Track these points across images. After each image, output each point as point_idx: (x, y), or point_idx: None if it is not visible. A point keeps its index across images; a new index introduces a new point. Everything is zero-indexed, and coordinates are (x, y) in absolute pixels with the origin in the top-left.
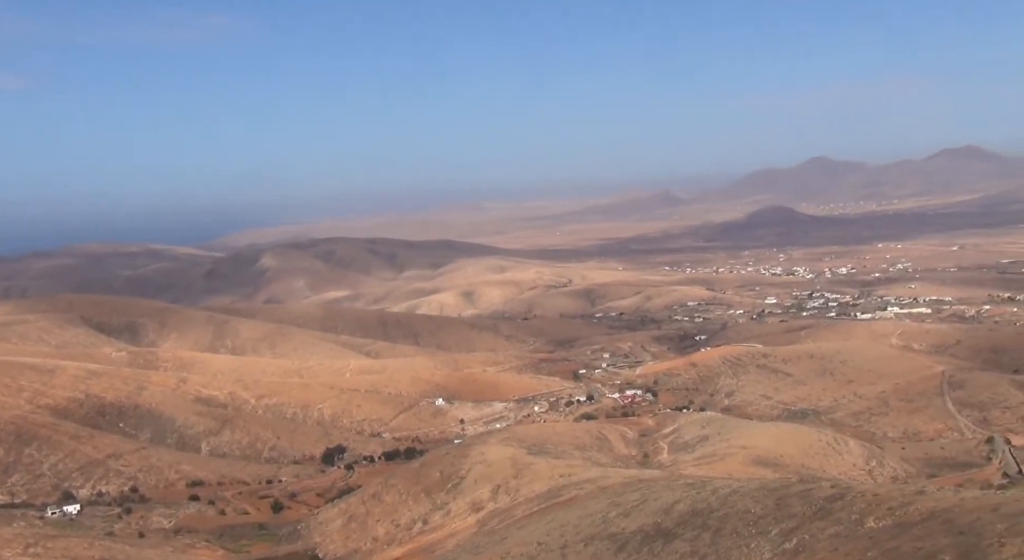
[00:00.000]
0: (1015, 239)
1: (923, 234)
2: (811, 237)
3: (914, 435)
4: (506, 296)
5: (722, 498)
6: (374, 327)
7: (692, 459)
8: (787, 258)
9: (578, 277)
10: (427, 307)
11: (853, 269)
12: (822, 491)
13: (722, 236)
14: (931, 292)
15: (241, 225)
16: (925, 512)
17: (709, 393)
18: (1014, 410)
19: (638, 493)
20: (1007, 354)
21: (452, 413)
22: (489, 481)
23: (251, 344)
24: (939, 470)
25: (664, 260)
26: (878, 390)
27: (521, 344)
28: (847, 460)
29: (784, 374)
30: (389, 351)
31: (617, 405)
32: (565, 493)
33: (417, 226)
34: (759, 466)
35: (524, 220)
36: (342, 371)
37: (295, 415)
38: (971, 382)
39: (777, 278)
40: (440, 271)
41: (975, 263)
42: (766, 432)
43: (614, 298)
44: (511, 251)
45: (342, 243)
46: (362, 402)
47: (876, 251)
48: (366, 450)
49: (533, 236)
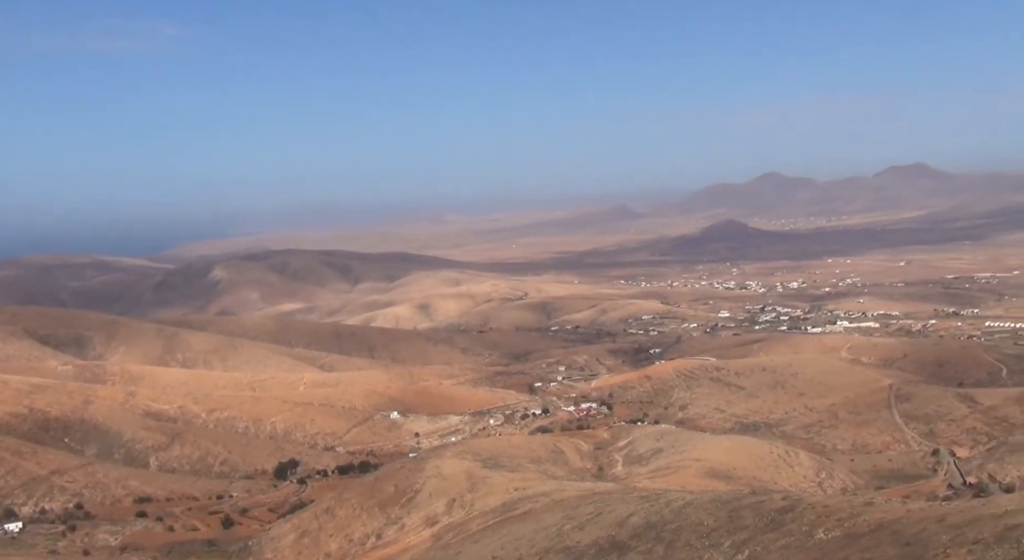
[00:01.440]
0: (959, 255)
1: (871, 249)
2: (763, 252)
3: (863, 447)
4: (462, 309)
5: (676, 511)
6: (328, 340)
7: (646, 472)
8: (740, 272)
9: (534, 290)
10: (382, 320)
11: (804, 283)
12: (773, 503)
13: (676, 250)
14: (879, 307)
15: (192, 236)
16: (873, 523)
17: (663, 406)
18: (958, 423)
19: (593, 506)
20: (952, 368)
21: (407, 426)
22: (444, 495)
23: (202, 357)
24: (887, 482)
25: (619, 274)
26: (828, 403)
27: (477, 357)
28: (798, 472)
29: (737, 387)
30: (343, 364)
31: (572, 418)
32: (520, 506)
33: (374, 239)
34: (712, 478)
35: (481, 233)
36: (295, 384)
37: (247, 429)
38: (917, 395)
39: (730, 292)
40: (396, 284)
41: (921, 278)
42: (719, 445)
43: (570, 311)
44: (468, 264)
45: (297, 255)
46: (316, 416)
47: (826, 266)
48: (319, 464)
49: (490, 249)
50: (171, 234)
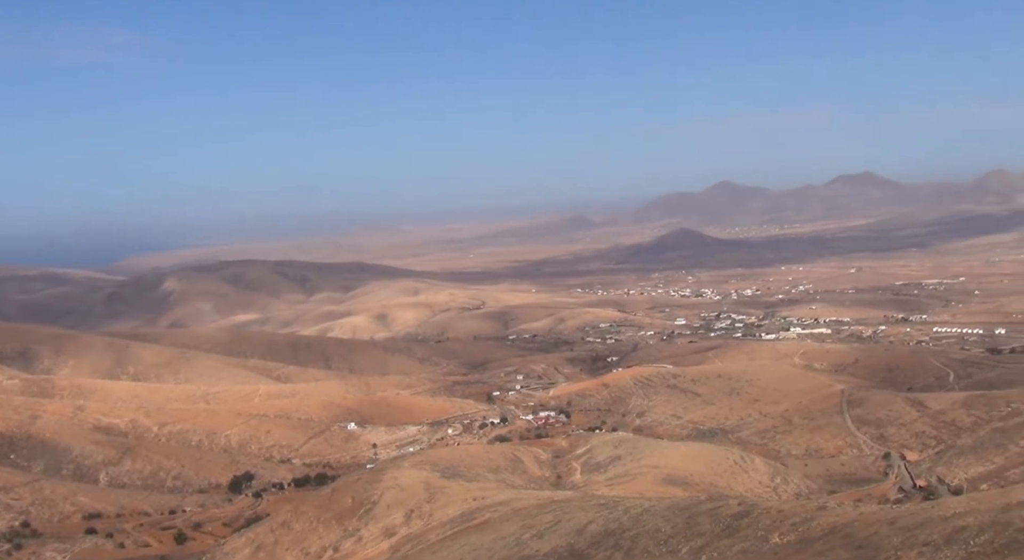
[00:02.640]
0: (907, 262)
1: (823, 257)
2: (718, 259)
3: (816, 452)
4: (419, 318)
5: (634, 518)
6: (284, 351)
7: (605, 479)
8: (695, 280)
9: (491, 299)
10: (339, 330)
11: (758, 291)
12: (729, 509)
13: (633, 258)
14: (831, 313)
15: (143, 248)
16: (827, 527)
17: (621, 413)
18: (908, 427)
19: (551, 514)
20: (901, 373)
21: (364, 437)
22: (402, 506)
23: (154, 370)
24: (839, 486)
25: (576, 282)
26: (782, 409)
27: (435, 367)
28: (753, 477)
29: (693, 394)
30: (299, 375)
31: (531, 427)
32: (479, 516)
33: (330, 249)
34: (670, 485)
35: (439, 243)
36: (250, 396)
37: (200, 442)
38: (869, 400)
39: (686, 299)
40: (352, 294)
41: (871, 285)
42: (676, 451)
43: (527, 320)
44: (425, 273)
45: (251, 266)
46: (271, 428)
47: (779, 273)
48: (275, 477)
49: (447, 259)
50: (122, 245)
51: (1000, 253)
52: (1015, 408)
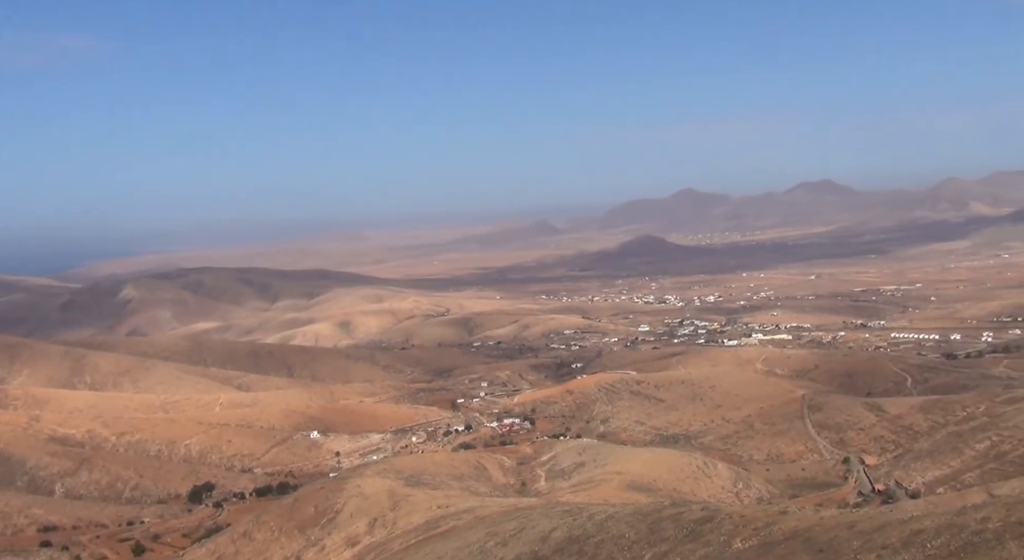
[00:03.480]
0: (866, 268)
1: (783, 263)
2: (681, 266)
3: (777, 457)
4: (383, 326)
5: (598, 524)
6: (245, 359)
7: (569, 486)
8: (658, 287)
9: (456, 306)
10: (302, 338)
11: (720, 297)
12: (693, 514)
13: (596, 265)
14: (791, 319)
15: (100, 255)
16: (788, 531)
17: (585, 420)
18: (867, 431)
19: (515, 522)
20: (860, 378)
21: (327, 446)
22: (365, 514)
23: (112, 379)
24: (800, 490)
25: (540, 289)
26: (744, 414)
27: (399, 374)
28: (716, 483)
29: (657, 400)
30: (261, 383)
31: (495, 434)
32: (443, 524)
33: (292, 256)
34: (634, 491)
35: (402, 249)
36: (211, 405)
37: (160, 452)
38: (829, 405)
39: (649, 306)
40: (315, 301)
41: (830, 291)
42: (640, 457)
43: (492, 327)
44: (389, 280)
45: (211, 273)
46: (232, 437)
47: (741, 280)
48: (236, 486)
49: (411, 265)
50: (78, 252)
51: (955, 260)
52: (970, 412)
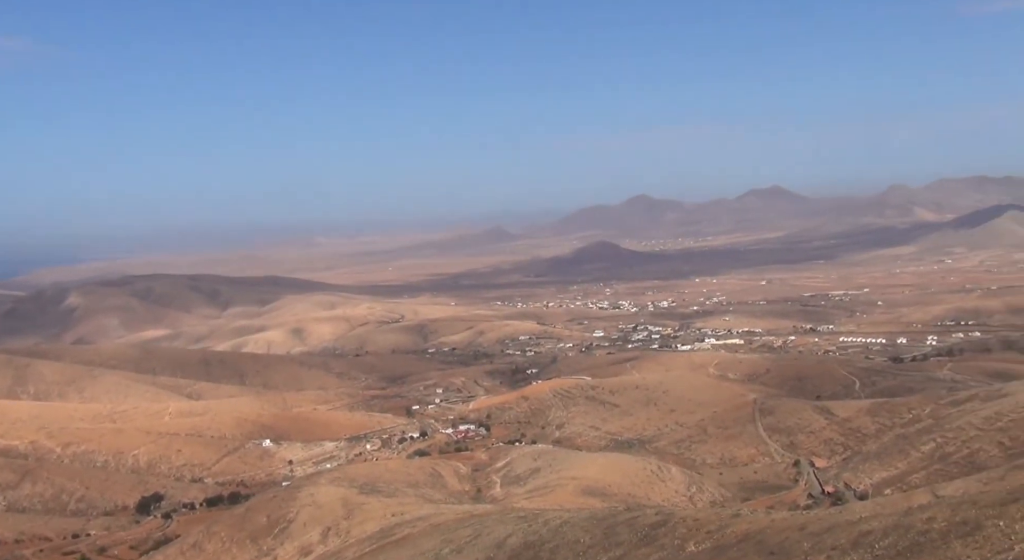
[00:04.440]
0: (815, 274)
1: (735, 269)
2: (635, 272)
3: (730, 461)
4: (337, 332)
5: (553, 530)
6: (195, 367)
7: (524, 492)
8: (613, 292)
9: (410, 312)
10: (253, 345)
11: (673, 302)
12: (647, 518)
13: (551, 271)
14: (743, 324)
15: (44, 262)
16: (740, 534)
17: (541, 426)
18: (817, 434)
19: (471, 528)
20: (810, 382)
21: (280, 454)
22: (319, 523)
23: (57, 388)
24: (752, 493)
25: (495, 295)
26: (697, 418)
27: (353, 381)
28: (670, 487)
29: (611, 405)
30: (212, 392)
31: (450, 440)
32: (397, 532)
33: (243, 262)
34: (589, 496)
35: (356, 255)
36: (160, 414)
37: (106, 463)
38: (779, 409)
39: (604, 312)
40: (267, 308)
41: (781, 296)
42: (595, 462)
43: (446, 333)
44: (342, 287)
45: (160, 280)
46: (182, 446)
47: (694, 285)
48: (186, 497)
49: (365, 271)
50: (20, 259)
51: (901, 265)
52: (916, 415)
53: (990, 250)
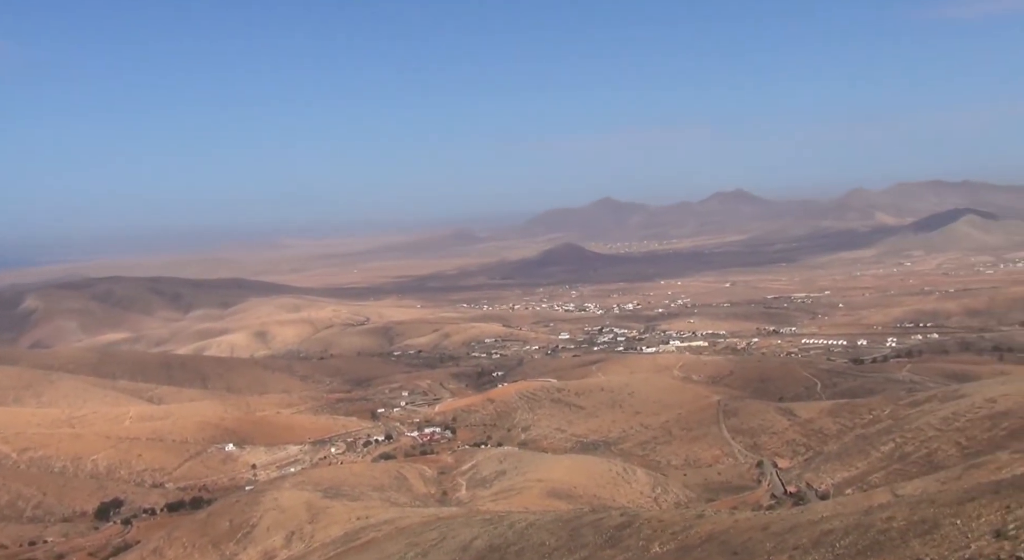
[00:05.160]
0: (777, 276)
1: (700, 271)
2: (600, 274)
3: (694, 462)
4: (301, 335)
5: (519, 532)
6: (157, 371)
7: (490, 494)
8: (579, 295)
9: (376, 315)
10: (216, 348)
11: (639, 305)
12: (612, 520)
13: (517, 273)
14: (708, 326)
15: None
16: (704, 535)
17: (506, 428)
18: (780, 435)
19: (436, 532)
20: (773, 383)
21: (243, 458)
22: (282, 528)
23: (13, 393)
24: (717, 494)
25: (461, 297)
26: (662, 420)
27: (317, 384)
28: (635, 488)
29: (577, 407)
30: (174, 396)
31: (416, 443)
32: (362, 536)
33: (206, 265)
34: (554, 498)
35: (321, 258)
36: (120, 419)
37: (64, 468)
38: (743, 410)
39: (569, 314)
40: (231, 311)
41: (744, 298)
42: (560, 464)
43: (412, 336)
44: (307, 289)
45: (121, 283)
46: (143, 451)
47: (659, 287)
48: (147, 502)
49: (330, 274)
50: None
51: (861, 267)
52: (876, 415)
53: (947, 253)
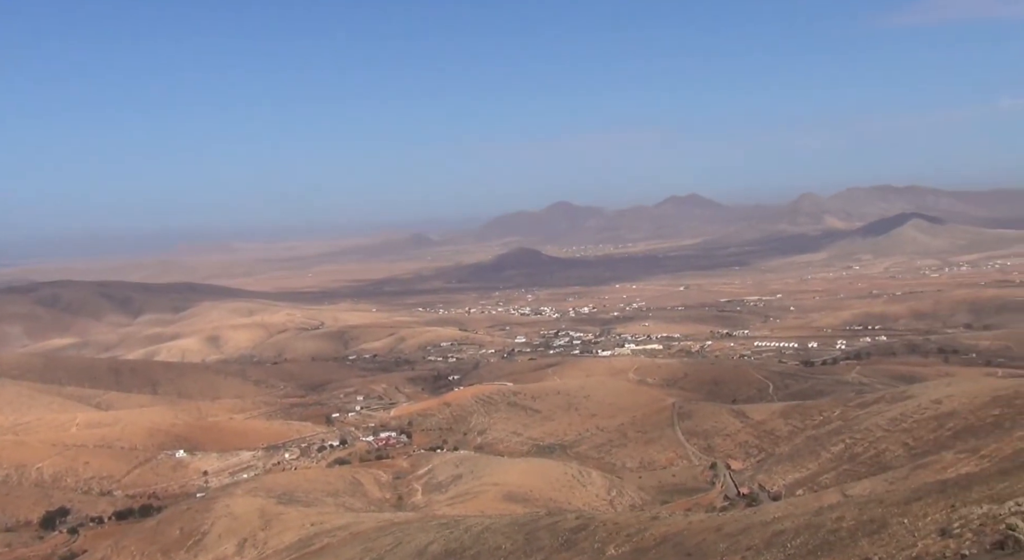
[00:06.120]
0: (731, 280)
1: (654, 275)
2: (556, 278)
3: (649, 464)
4: (255, 340)
5: (475, 536)
6: (105, 376)
7: (446, 499)
8: (534, 298)
9: (330, 319)
10: (167, 353)
11: (594, 308)
12: (567, 523)
13: (473, 277)
14: (662, 329)
15: None
16: (659, 537)
17: (463, 432)
18: (732, 437)
19: (391, 537)
20: (726, 386)
21: (194, 465)
22: (235, 535)
23: None
24: (671, 496)
25: (417, 301)
26: (618, 423)
27: (271, 389)
28: (591, 491)
29: (533, 411)
30: (123, 401)
31: (371, 448)
32: (316, 542)
33: (157, 269)
34: (510, 502)
35: (275, 262)
36: (67, 425)
37: (8, 477)
38: (697, 412)
39: (526, 318)
40: (182, 315)
41: (698, 302)
42: (516, 468)
43: (368, 340)
44: (260, 293)
45: (69, 287)
46: (90, 458)
47: (614, 291)
48: (94, 511)
49: (284, 278)
50: None
51: (812, 271)
52: (826, 417)
53: (894, 257)
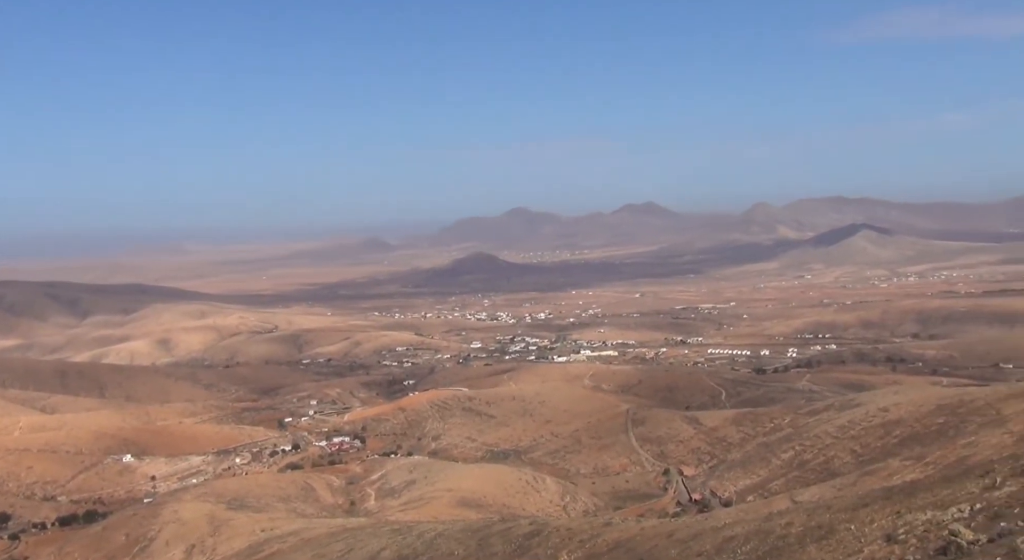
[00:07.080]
0: (686, 287)
1: (610, 282)
2: (513, 283)
3: (603, 470)
4: (206, 343)
5: (427, 542)
6: (50, 378)
7: (399, 504)
8: (491, 304)
9: (284, 322)
10: (115, 356)
11: (550, 314)
12: (521, 529)
13: (429, 282)
14: (617, 336)
15: None
16: (612, 542)
17: (417, 437)
18: (686, 443)
19: (343, 543)
20: (680, 392)
21: (142, 470)
22: (183, 541)
23: None
24: (624, 502)
25: (373, 305)
26: (572, 429)
27: (222, 393)
28: (544, 497)
29: (488, 416)
30: (69, 405)
31: (324, 453)
32: (267, 548)
33: (106, 270)
34: (464, 507)
35: (228, 264)
36: (9, 429)
37: None
38: (651, 419)
39: (482, 323)
40: (131, 317)
41: (653, 309)
42: (470, 473)
43: (322, 344)
44: (212, 296)
45: (13, 287)
46: (33, 463)
47: (570, 297)
48: (37, 516)
49: (237, 281)
50: None
51: (765, 279)
52: (777, 424)
53: (845, 267)
